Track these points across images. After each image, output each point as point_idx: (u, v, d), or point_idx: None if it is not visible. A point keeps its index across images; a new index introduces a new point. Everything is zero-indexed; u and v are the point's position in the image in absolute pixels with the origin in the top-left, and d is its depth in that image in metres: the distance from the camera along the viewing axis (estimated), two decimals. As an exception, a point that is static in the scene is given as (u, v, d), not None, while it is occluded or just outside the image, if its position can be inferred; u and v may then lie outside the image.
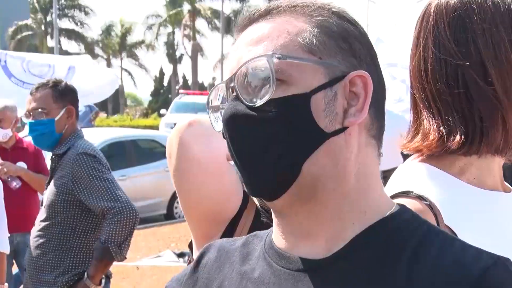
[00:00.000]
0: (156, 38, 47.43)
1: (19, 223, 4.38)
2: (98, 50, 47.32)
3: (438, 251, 0.83)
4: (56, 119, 3.01)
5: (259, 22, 0.90)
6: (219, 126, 0.90)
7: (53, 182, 2.77)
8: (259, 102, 0.83)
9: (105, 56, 48.10)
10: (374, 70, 0.88)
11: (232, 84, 0.87)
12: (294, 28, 0.86)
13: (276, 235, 0.92)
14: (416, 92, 1.16)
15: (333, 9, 0.89)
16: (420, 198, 1.07)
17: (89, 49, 44.00)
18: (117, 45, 47.93)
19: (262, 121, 0.83)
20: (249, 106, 0.84)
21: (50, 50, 34.97)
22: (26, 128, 3.14)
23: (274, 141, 0.83)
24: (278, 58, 0.83)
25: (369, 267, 0.83)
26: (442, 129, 1.11)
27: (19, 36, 40.12)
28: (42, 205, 2.83)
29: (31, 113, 3.06)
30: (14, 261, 4.57)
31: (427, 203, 1.07)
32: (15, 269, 4.69)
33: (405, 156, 1.23)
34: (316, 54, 0.85)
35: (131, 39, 48.86)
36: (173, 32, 48.22)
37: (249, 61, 0.85)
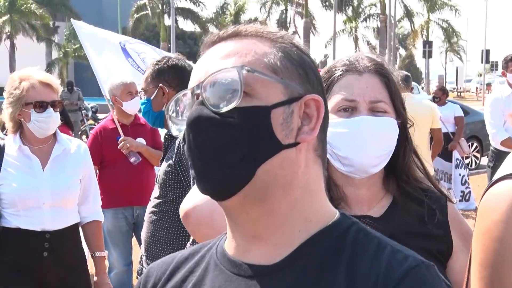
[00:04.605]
0: (268, 16, 47.63)
1: (139, 196, 4.54)
2: (212, 29, 48.32)
3: (373, 256, 0.92)
4: (151, 98, 3.04)
5: (227, 41, 0.99)
6: (176, 131, 0.98)
7: (165, 161, 2.81)
8: (224, 108, 0.91)
9: (219, 35, 48.72)
10: (324, 99, 0.98)
11: (198, 91, 0.94)
12: (261, 49, 0.96)
13: (228, 241, 1.00)
14: None
15: (293, 41, 1.01)
16: None
17: (203, 28, 44.97)
18: (230, 23, 48.58)
19: (226, 126, 0.91)
20: (214, 111, 0.92)
21: (167, 29, 36.05)
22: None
23: (235, 145, 0.91)
24: (247, 71, 0.92)
25: (313, 274, 0.92)
26: None
27: (137, 15, 41.73)
28: (156, 182, 2.89)
29: (140, 93, 3.16)
30: (133, 234, 4.72)
31: None
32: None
33: None
34: (278, 74, 0.95)
35: (244, 17, 49.41)
36: (286, 10, 48.20)
37: (219, 71, 0.93)
